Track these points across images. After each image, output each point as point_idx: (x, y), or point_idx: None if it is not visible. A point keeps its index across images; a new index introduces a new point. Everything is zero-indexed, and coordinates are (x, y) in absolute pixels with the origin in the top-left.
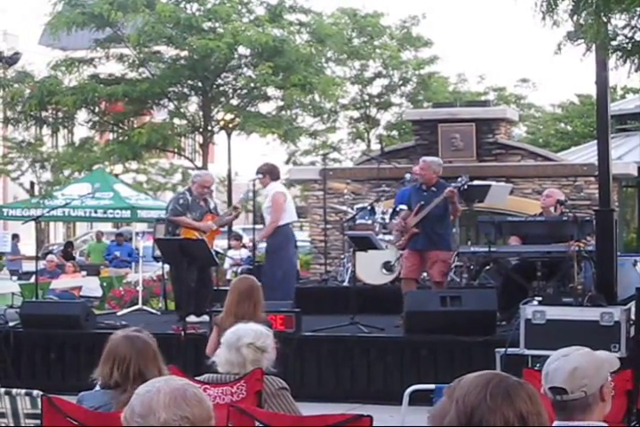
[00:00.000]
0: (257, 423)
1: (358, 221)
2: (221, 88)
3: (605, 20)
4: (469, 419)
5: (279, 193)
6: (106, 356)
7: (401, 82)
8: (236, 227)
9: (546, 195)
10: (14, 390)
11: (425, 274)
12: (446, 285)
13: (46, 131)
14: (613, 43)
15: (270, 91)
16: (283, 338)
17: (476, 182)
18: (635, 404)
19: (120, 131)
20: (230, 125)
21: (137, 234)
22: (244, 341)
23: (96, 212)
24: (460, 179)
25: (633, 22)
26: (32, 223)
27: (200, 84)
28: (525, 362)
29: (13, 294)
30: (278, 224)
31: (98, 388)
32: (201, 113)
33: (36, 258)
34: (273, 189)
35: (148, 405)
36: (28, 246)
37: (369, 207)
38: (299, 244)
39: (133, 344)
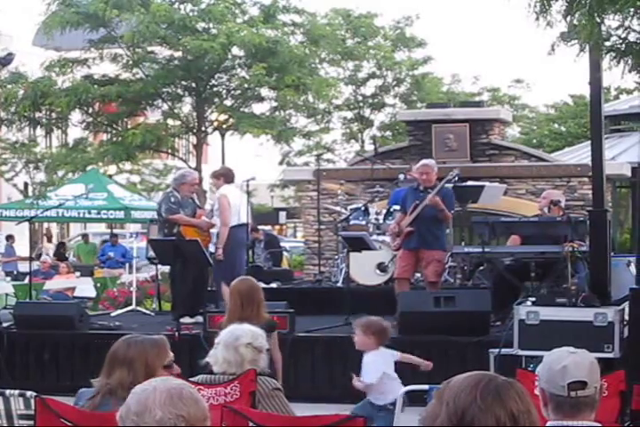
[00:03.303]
0: (250, 424)
1: (352, 222)
2: (215, 89)
3: (599, 20)
4: (460, 420)
5: (223, 196)
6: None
7: (395, 82)
8: None
9: (542, 196)
10: (8, 391)
11: (419, 275)
12: (440, 285)
13: (40, 131)
14: (607, 43)
15: (264, 91)
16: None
17: (469, 183)
18: (628, 404)
19: (114, 131)
20: (224, 126)
21: (131, 235)
22: (242, 340)
23: (90, 212)
24: (450, 173)
25: (626, 23)
26: (26, 224)
27: (194, 84)
28: (519, 363)
29: (7, 294)
30: (229, 226)
31: None
32: (195, 114)
33: (30, 259)
34: (220, 192)
35: (143, 403)
36: (21, 247)
37: (363, 208)
38: (292, 244)
39: (128, 350)
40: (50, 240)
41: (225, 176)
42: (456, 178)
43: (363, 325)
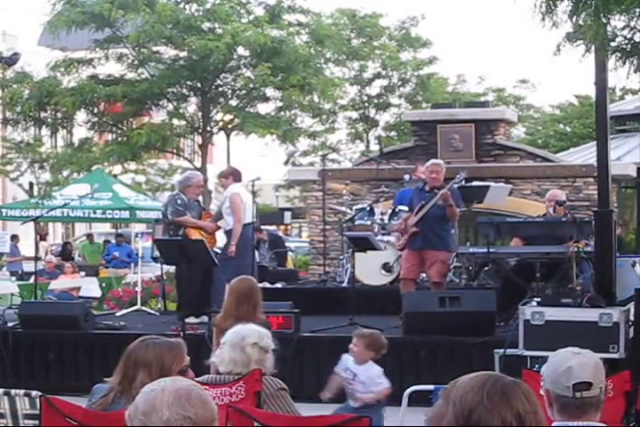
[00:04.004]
0: (256, 424)
1: (357, 222)
2: (220, 89)
3: (605, 20)
4: (467, 420)
5: (235, 194)
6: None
7: (400, 82)
8: None
9: (548, 199)
10: (13, 391)
11: (424, 275)
12: (445, 285)
13: (45, 131)
14: (612, 44)
15: (269, 91)
16: (281, 339)
17: (475, 183)
18: (633, 405)
19: (119, 131)
20: (229, 126)
21: (136, 235)
22: (249, 340)
23: (95, 212)
24: (458, 176)
25: (632, 23)
26: (31, 224)
27: (199, 84)
28: (524, 363)
29: (12, 294)
30: (242, 222)
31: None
32: (200, 114)
33: (35, 259)
34: (230, 191)
35: (151, 403)
36: (26, 247)
37: (368, 208)
38: (297, 245)
39: (146, 351)
40: (43, 238)
41: (234, 175)
42: (463, 182)
43: (367, 339)
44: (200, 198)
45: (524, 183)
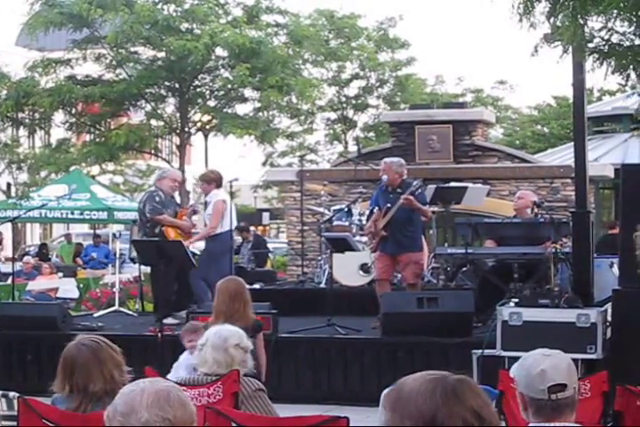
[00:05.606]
0: (233, 425)
1: (335, 223)
2: (198, 89)
3: (582, 22)
4: None
5: (220, 201)
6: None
7: (378, 83)
8: None
9: (517, 197)
10: None
11: (399, 276)
12: (422, 286)
13: (23, 132)
14: (590, 45)
15: (247, 92)
16: None
17: (452, 184)
18: (610, 405)
19: (97, 132)
20: (207, 127)
21: (114, 235)
22: (232, 342)
23: (72, 213)
24: (414, 183)
25: (609, 24)
26: (8, 224)
27: (177, 85)
28: (502, 363)
29: None
30: (215, 231)
31: None
32: (178, 114)
33: (13, 259)
34: (215, 197)
35: (130, 404)
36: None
37: (346, 209)
38: (276, 246)
39: (79, 353)
40: None
41: (217, 181)
42: (419, 190)
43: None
44: (177, 196)
45: (502, 184)
